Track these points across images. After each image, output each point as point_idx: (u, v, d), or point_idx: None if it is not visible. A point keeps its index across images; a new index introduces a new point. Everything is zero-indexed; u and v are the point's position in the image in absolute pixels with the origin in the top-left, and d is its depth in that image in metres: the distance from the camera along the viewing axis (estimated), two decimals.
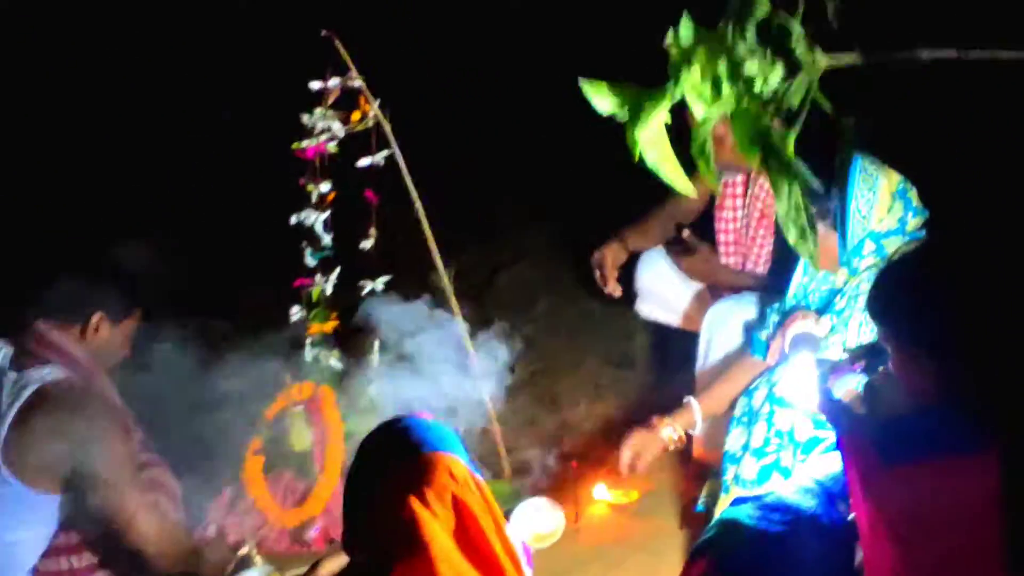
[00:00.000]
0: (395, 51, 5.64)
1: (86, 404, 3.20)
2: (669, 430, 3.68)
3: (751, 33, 1.89)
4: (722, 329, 3.94)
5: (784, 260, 3.92)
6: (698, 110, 1.90)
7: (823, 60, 1.90)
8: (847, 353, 3.12)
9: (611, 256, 4.34)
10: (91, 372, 3.31)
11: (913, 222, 3.26)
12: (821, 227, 3.26)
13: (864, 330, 3.15)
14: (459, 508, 2.16)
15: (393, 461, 2.26)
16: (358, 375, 4.04)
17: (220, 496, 3.99)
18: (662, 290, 4.41)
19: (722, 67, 1.88)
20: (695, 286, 4.37)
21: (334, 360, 4.04)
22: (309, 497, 3.92)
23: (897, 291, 2.41)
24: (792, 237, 1.90)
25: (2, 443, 3.14)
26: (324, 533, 3.86)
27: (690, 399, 3.72)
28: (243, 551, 3.49)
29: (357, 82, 3.87)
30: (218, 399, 3.88)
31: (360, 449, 2.34)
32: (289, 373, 4.05)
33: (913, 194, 3.28)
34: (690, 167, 1.91)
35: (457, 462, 2.23)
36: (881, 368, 2.64)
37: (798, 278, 3.57)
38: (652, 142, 1.95)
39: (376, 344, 3.97)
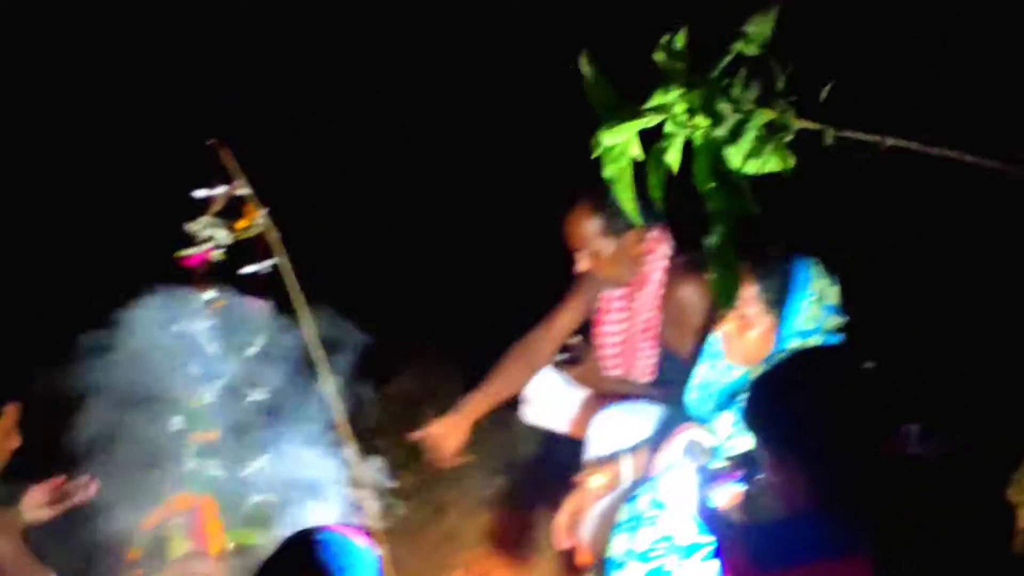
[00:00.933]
0: (282, 159, 5.66)
1: None
2: (598, 478, 3.68)
3: (739, 81, 1.95)
4: (608, 433, 3.94)
5: (669, 371, 3.97)
6: (667, 126, 1.95)
7: (795, 122, 1.96)
8: (728, 461, 3.17)
9: (448, 438, 4.24)
10: None
11: (829, 323, 3.32)
12: (767, 319, 3.34)
13: None
14: None
15: None
16: (241, 485, 3.98)
17: None
18: (549, 398, 4.42)
19: (699, 95, 1.93)
20: (582, 393, 4.39)
21: (215, 470, 3.97)
22: None
23: (765, 399, 2.47)
24: (715, 275, 1.95)
25: None
26: None
27: (625, 453, 3.73)
28: None
29: (243, 190, 3.87)
30: (95, 509, 3.79)
31: (270, 559, 2.32)
32: (169, 483, 3.97)
33: (833, 293, 3.34)
34: None
35: None
36: (759, 476, 2.69)
37: (703, 370, 3.61)
38: (614, 156, 1.99)
39: (264, 456, 3.93)
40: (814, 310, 3.31)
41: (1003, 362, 3.91)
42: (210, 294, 3.95)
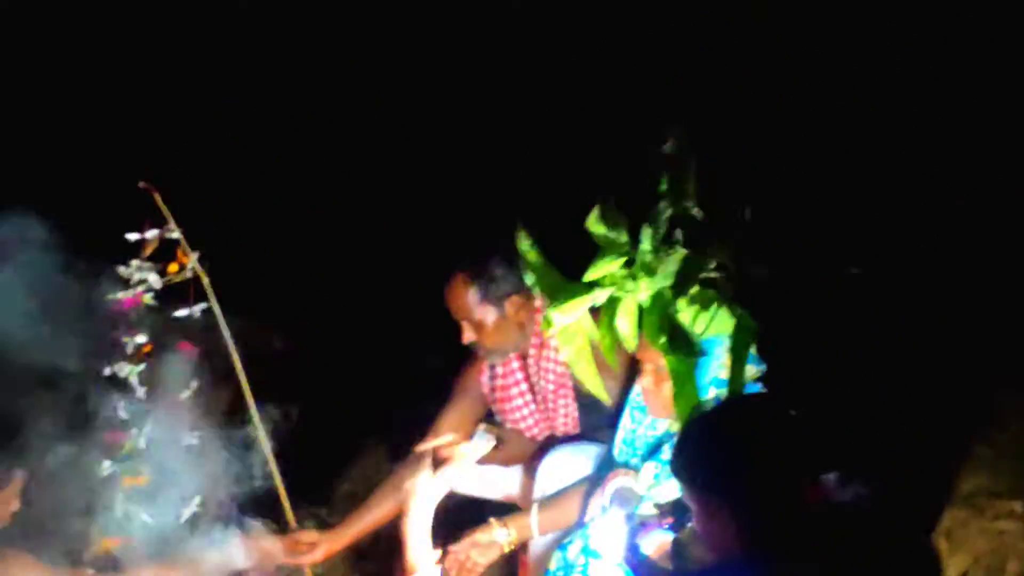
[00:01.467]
0: (215, 202, 5.64)
1: None
2: (504, 532, 3.69)
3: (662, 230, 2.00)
4: (560, 475, 3.92)
5: (593, 419, 3.97)
6: (610, 292, 1.99)
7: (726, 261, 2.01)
8: (657, 509, 3.19)
9: (310, 554, 4.02)
10: None
11: (747, 371, 3.25)
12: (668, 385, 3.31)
13: None
14: None
15: None
16: (172, 530, 3.95)
17: None
18: (483, 487, 4.38)
19: (639, 259, 1.98)
20: (515, 468, 4.31)
21: (146, 515, 3.94)
22: None
23: (692, 448, 2.50)
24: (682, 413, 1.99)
25: None
26: None
27: (534, 506, 3.75)
28: None
29: (175, 234, 3.87)
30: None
31: None
32: (97, 529, 3.93)
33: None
34: None
35: None
36: (688, 523, 2.72)
37: (627, 423, 3.59)
38: (571, 336, 2.03)
39: (195, 499, 3.90)
40: (726, 357, 3.22)
41: (924, 408, 3.99)
42: (141, 338, 3.93)
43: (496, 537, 3.72)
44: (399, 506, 3.98)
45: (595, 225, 2.04)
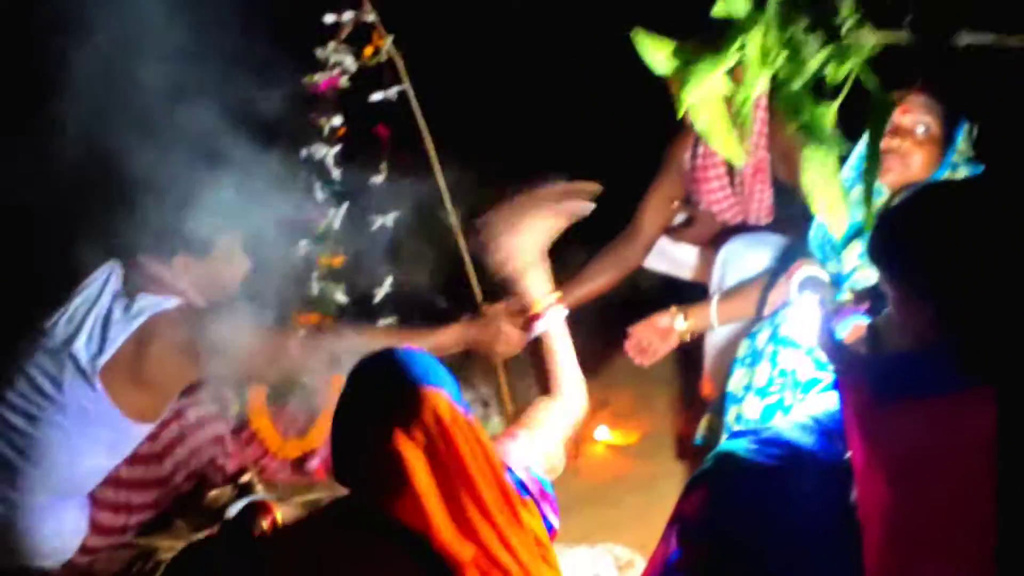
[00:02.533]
0: None
1: (206, 326, 3.21)
2: (682, 319, 3.72)
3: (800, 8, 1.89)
4: (737, 265, 3.91)
5: (787, 206, 3.87)
6: (751, 74, 1.91)
7: (870, 37, 1.89)
8: (853, 294, 3.12)
9: None
10: (199, 305, 3.34)
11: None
12: (936, 146, 3.22)
13: None
14: (446, 446, 2.13)
15: (381, 393, 2.22)
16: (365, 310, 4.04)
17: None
18: (671, 264, 4.40)
19: (772, 37, 1.88)
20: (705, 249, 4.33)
21: (340, 294, 4.04)
22: (311, 429, 3.93)
23: (892, 233, 2.41)
24: (820, 207, 1.92)
25: (105, 366, 3.16)
26: (325, 464, 3.88)
27: (714, 297, 3.76)
28: (244, 478, 3.52)
29: (371, 16, 3.86)
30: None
31: (350, 377, 2.29)
32: (295, 305, 4.04)
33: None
34: None
35: (445, 399, 2.18)
36: (884, 309, 2.65)
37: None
38: (703, 105, 1.95)
39: (387, 279, 3.95)
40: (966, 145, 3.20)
41: None
42: (337, 120, 3.97)
43: (676, 324, 3.72)
44: (612, 279, 4.18)
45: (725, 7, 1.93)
